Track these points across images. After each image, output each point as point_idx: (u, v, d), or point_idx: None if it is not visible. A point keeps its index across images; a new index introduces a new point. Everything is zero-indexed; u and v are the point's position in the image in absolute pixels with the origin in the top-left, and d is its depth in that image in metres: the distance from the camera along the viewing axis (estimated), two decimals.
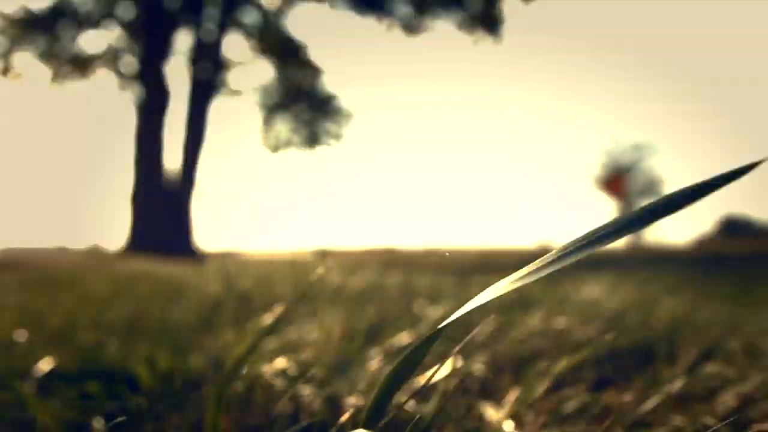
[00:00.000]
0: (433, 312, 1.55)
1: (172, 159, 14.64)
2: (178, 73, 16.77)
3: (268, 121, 19.86)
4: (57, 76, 16.79)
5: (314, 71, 18.62)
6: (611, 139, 43.42)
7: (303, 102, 19.03)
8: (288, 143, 19.72)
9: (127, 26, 16.32)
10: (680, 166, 55.45)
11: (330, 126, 19.26)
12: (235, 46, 18.88)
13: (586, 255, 0.43)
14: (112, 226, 14.37)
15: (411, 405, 0.79)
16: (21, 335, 1.28)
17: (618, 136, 43.30)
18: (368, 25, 16.47)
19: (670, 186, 41.85)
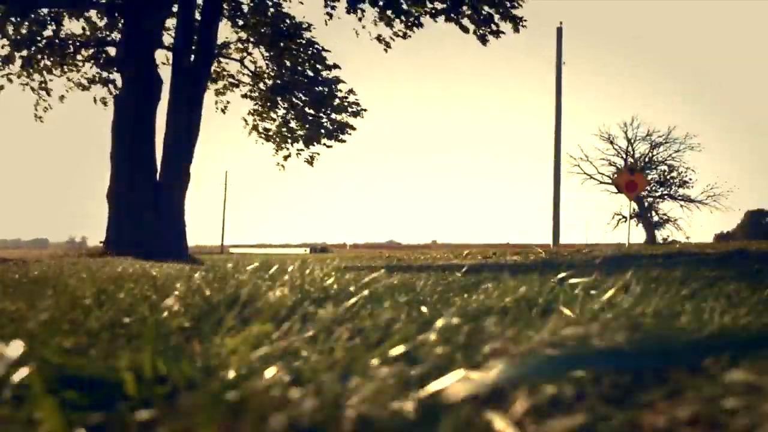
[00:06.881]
0: (437, 313, 1.54)
1: (167, 155, 14.56)
2: (168, 62, 16.71)
3: (264, 112, 19.73)
4: (37, 65, 16.72)
5: (316, 53, 18.35)
6: (627, 138, 43.30)
7: (303, 89, 18.75)
8: (285, 138, 19.54)
9: (112, 11, 16.24)
10: (696, 164, 55.26)
11: (337, 117, 18.91)
12: (229, 31, 18.79)
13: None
14: (99, 223, 14.36)
15: (414, 414, 0.78)
16: None
17: (633, 135, 43.17)
18: (372, 21, 16.33)
19: (686, 183, 41.74)
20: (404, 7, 15.32)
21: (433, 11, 15.18)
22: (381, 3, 15.42)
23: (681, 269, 3.23)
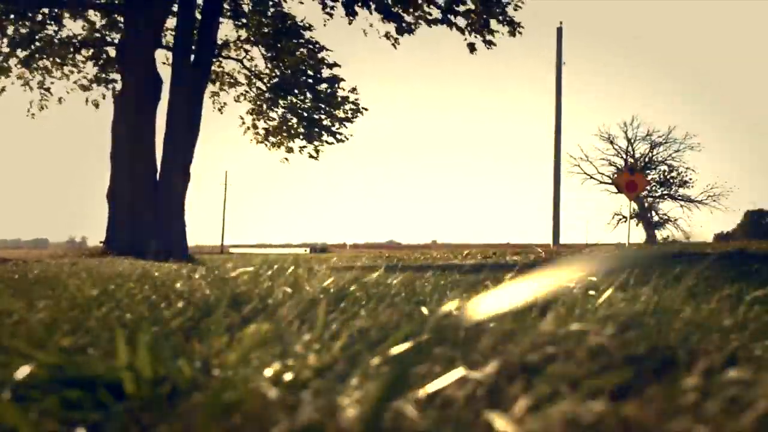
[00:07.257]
0: (438, 313, 1.54)
1: (167, 155, 14.53)
2: (168, 62, 16.70)
3: (263, 111, 19.71)
4: (36, 66, 16.68)
5: (316, 52, 18.30)
6: (627, 138, 43.31)
7: (303, 88, 18.69)
8: (285, 137, 19.49)
9: (112, 11, 16.22)
10: (697, 164, 55.33)
11: (336, 114, 18.80)
12: (229, 29, 18.79)
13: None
14: (99, 223, 14.38)
15: (413, 413, 0.79)
16: None
17: (633, 135, 43.17)
18: (374, 23, 16.28)
19: (686, 183, 41.77)
20: (395, 11, 15.24)
21: (429, 15, 15.14)
22: (373, 6, 15.33)
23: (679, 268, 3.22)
